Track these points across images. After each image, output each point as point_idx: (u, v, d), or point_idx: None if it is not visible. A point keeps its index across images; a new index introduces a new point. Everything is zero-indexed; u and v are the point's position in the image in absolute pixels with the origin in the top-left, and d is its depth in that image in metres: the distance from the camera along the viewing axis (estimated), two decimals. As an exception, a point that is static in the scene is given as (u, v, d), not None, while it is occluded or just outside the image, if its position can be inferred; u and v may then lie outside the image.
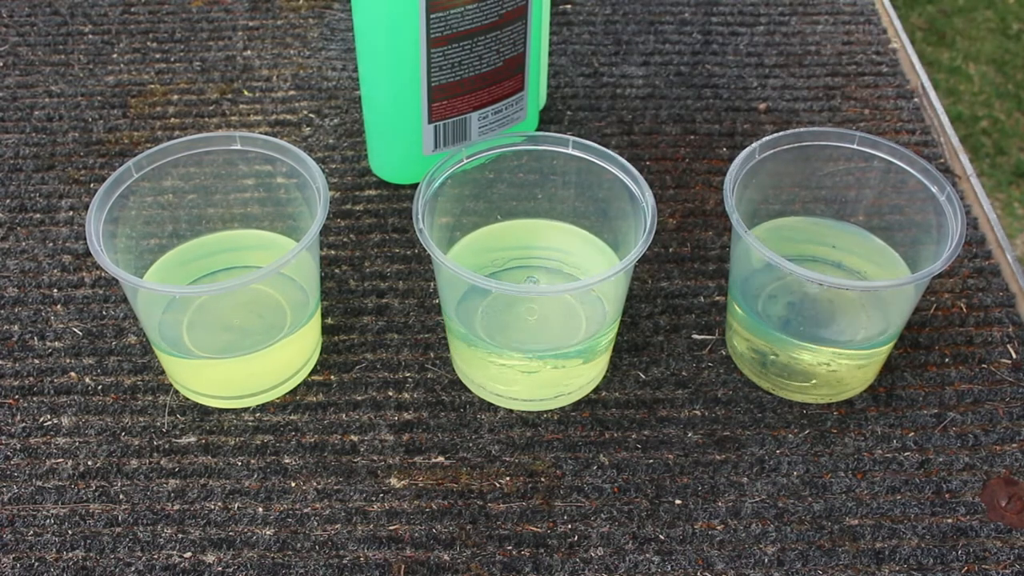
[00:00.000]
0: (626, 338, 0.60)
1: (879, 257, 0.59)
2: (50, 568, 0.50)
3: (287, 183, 0.57)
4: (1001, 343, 0.60)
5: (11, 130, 0.72)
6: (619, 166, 0.55)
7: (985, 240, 0.65)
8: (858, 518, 0.52)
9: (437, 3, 0.58)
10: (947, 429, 0.56)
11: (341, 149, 0.71)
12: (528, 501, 0.53)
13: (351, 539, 0.51)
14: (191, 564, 0.50)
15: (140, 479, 0.53)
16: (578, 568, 0.50)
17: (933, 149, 0.71)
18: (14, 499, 0.53)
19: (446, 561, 0.50)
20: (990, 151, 1.74)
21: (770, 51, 0.79)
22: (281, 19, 0.82)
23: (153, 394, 0.57)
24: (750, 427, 0.56)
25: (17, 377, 0.58)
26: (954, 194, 0.54)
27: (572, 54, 0.79)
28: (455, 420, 0.56)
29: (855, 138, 0.57)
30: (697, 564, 0.50)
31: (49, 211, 0.67)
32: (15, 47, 0.79)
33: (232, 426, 0.56)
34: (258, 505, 0.52)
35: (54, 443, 0.55)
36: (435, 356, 0.59)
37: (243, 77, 0.77)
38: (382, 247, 0.65)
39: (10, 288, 0.62)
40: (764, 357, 0.56)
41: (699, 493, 0.53)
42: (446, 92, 0.63)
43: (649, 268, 0.63)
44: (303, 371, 0.57)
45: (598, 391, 0.57)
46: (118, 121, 0.73)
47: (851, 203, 0.59)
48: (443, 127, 0.64)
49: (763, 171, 0.56)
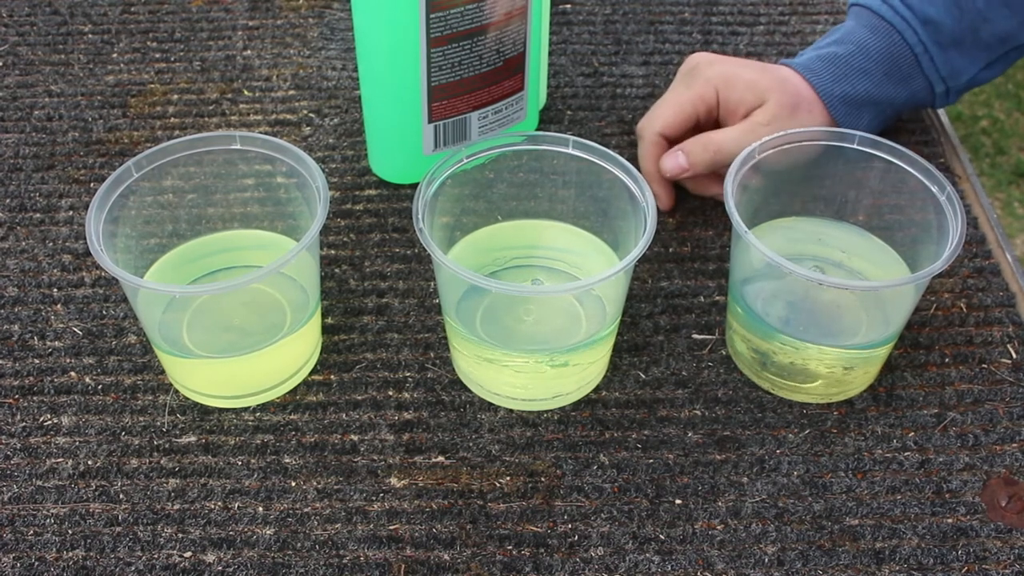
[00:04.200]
0: (626, 338, 0.60)
1: (879, 257, 0.59)
2: (50, 568, 0.50)
3: (287, 183, 0.57)
4: (1001, 343, 0.60)
5: (11, 130, 0.72)
6: (619, 166, 0.55)
7: (985, 240, 0.65)
8: (858, 518, 0.52)
9: (437, 3, 0.58)
10: (947, 429, 0.56)
11: (341, 149, 0.71)
12: (528, 501, 0.53)
13: (351, 539, 0.51)
14: (191, 564, 0.50)
15: (140, 479, 0.53)
16: (578, 568, 0.50)
17: (933, 149, 0.71)
18: (14, 498, 0.53)
19: (446, 561, 0.50)
20: (990, 151, 1.74)
21: (770, 51, 0.79)
22: (281, 19, 0.82)
23: (153, 394, 0.57)
24: (750, 427, 0.56)
25: (17, 377, 0.58)
26: (954, 194, 0.54)
27: (572, 54, 0.79)
28: (455, 420, 0.56)
29: (855, 138, 0.57)
30: (697, 564, 0.50)
31: (49, 211, 0.67)
32: (15, 47, 0.79)
33: (232, 426, 0.56)
34: (258, 505, 0.52)
35: (54, 443, 0.55)
36: (435, 356, 0.59)
37: (243, 77, 0.77)
38: (382, 247, 0.65)
39: (10, 288, 0.62)
40: (764, 357, 0.56)
41: (699, 493, 0.53)
42: (446, 92, 0.63)
43: (649, 268, 0.63)
44: (303, 371, 0.57)
45: (598, 391, 0.57)
46: (118, 121, 0.73)
47: (851, 203, 0.59)
48: (443, 127, 0.64)
49: (763, 171, 0.57)
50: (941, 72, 0.65)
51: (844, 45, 0.66)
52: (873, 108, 0.66)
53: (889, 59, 0.65)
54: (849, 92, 0.65)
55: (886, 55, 0.65)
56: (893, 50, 0.65)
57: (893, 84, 0.66)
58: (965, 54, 0.65)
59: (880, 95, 0.66)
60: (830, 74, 0.65)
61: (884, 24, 0.65)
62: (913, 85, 0.66)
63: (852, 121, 0.66)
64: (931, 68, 0.65)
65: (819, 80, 0.65)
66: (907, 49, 0.64)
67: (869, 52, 0.65)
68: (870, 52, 0.65)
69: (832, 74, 0.65)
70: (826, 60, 0.66)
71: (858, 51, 0.65)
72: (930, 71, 0.65)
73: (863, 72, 0.65)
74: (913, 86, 0.66)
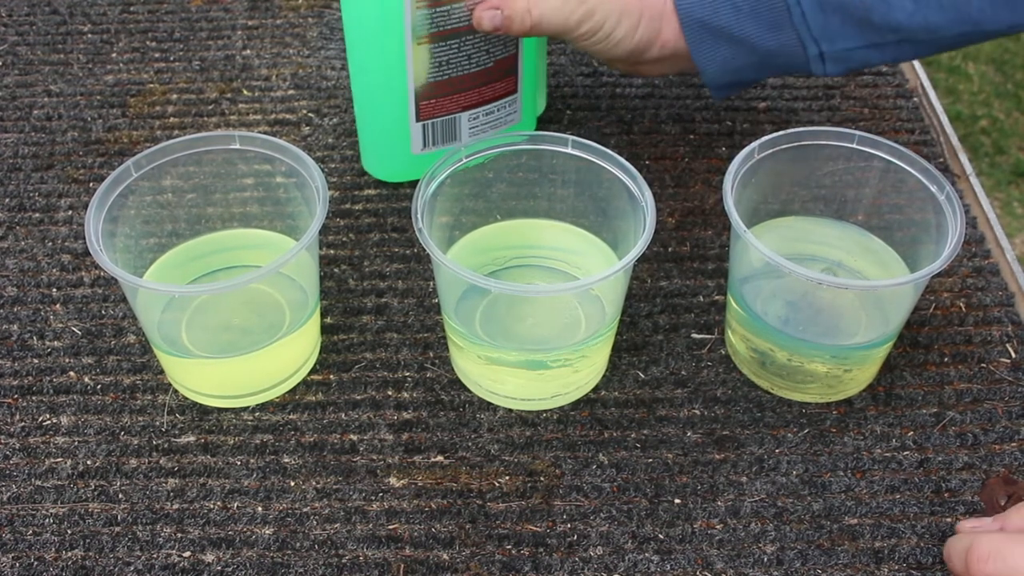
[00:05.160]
0: (625, 337, 0.60)
1: (879, 257, 0.59)
2: (49, 567, 0.50)
3: (286, 182, 0.57)
4: (1000, 342, 0.60)
5: (10, 129, 0.72)
6: (618, 165, 0.55)
7: (984, 239, 0.65)
8: (857, 517, 0.52)
9: (422, 2, 0.58)
10: (946, 428, 0.56)
11: (340, 148, 0.71)
12: (527, 500, 0.53)
13: (350, 538, 0.51)
14: (190, 563, 0.50)
15: (139, 478, 0.53)
16: (577, 567, 0.50)
17: (932, 148, 0.71)
18: (13, 498, 0.53)
19: (445, 560, 0.50)
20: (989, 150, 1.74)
21: (769, 50, 0.79)
22: (280, 18, 0.82)
23: (152, 393, 0.57)
24: (749, 426, 0.56)
25: (16, 376, 0.58)
26: (953, 193, 0.54)
27: (572, 54, 0.79)
28: (454, 419, 0.56)
29: (854, 137, 0.57)
30: (696, 563, 0.50)
31: (48, 210, 0.67)
32: (14, 46, 0.79)
33: (231, 425, 0.56)
34: (257, 504, 0.52)
35: (53, 442, 0.55)
36: (434, 355, 0.59)
37: (242, 76, 0.76)
38: (381, 246, 0.65)
39: (9, 287, 0.62)
40: (763, 356, 0.56)
41: (698, 492, 0.53)
42: (433, 91, 0.62)
43: (648, 267, 0.63)
44: (302, 370, 0.57)
45: (597, 390, 0.57)
46: (117, 120, 0.73)
47: (851, 203, 0.59)
48: (431, 126, 0.64)
49: (762, 170, 0.57)
50: (812, 31, 0.60)
51: None
52: (733, 45, 0.62)
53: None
54: (709, 18, 0.61)
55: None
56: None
57: (760, 27, 0.61)
58: (848, 24, 0.60)
59: (742, 33, 0.61)
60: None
61: None
62: (782, 36, 0.61)
63: (705, 50, 0.62)
64: (802, 23, 0.60)
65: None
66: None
67: None
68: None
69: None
70: None
71: None
72: (800, 26, 0.60)
73: (730, 2, 0.61)
74: (782, 37, 0.61)
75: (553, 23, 0.60)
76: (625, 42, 0.62)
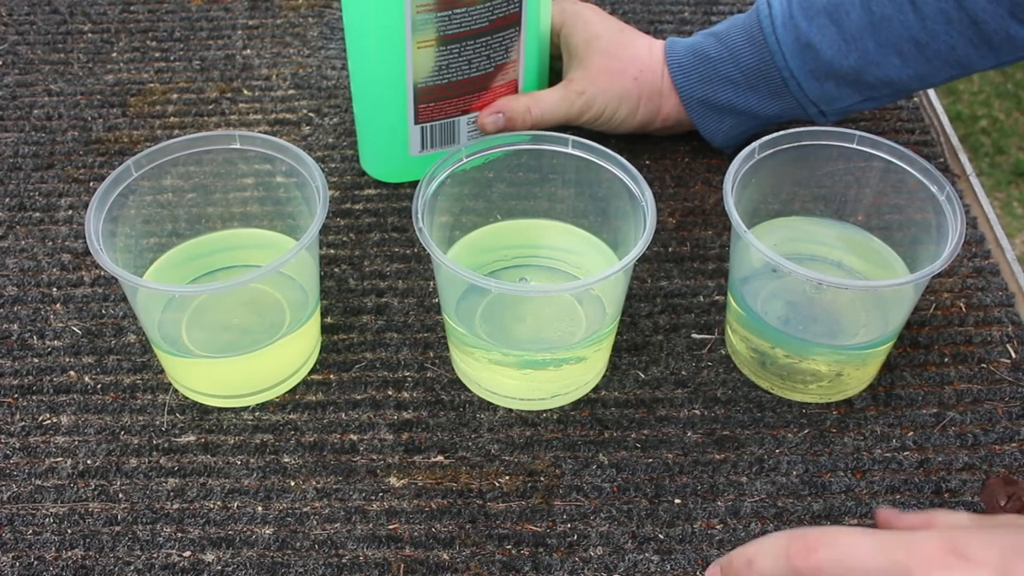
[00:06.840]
0: (626, 337, 0.60)
1: (879, 257, 0.59)
2: (49, 567, 0.50)
3: (286, 182, 0.57)
4: (1000, 342, 0.60)
5: (10, 129, 0.72)
6: (618, 165, 0.55)
7: (984, 239, 0.65)
8: (857, 517, 0.52)
9: (423, 5, 0.58)
10: (946, 428, 0.56)
11: (340, 148, 0.71)
12: (527, 500, 0.53)
13: (350, 538, 0.51)
14: (190, 563, 0.50)
15: (139, 478, 0.53)
16: (577, 567, 0.50)
17: (932, 148, 0.71)
18: (13, 498, 0.53)
19: (445, 560, 0.50)
20: (989, 150, 1.74)
21: (770, 50, 0.79)
22: (280, 18, 0.82)
23: (152, 393, 0.57)
24: (749, 426, 0.56)
25: (16, 376, 0.58)
26: (953, 193, 0.54)
27: (572, 53, 0.78)
28: (454, 419, 0.56)
29: (855, 138, 0.57)
30: (696, 563, 0.50)
31: (48, 210, 0.67)
32: (14, 46, 0.79)
33: (231, 425, 0.56)
34: (257, 504, 0.52)
35: (53, 442, 0.55)
36: (434, 355, 0.59)
37: (242, 76, 0.76)
38: (381, 246, 0.65)
39: (9, 287, 0.62)
40: (763, 356, 0.56)
41: (698, 492, 0.53)
42: (433, 94, 0.62)
43: (649, 267, 0.63)
44: (303, 370, 0.57)
45: (597, 390, 0.57)
46: (117, 120, 0.73)
47: (851, 203, 0.59)
48: (430, 129, 0.64)
49: (763, 170, 0.57)
50: (811, 97, 0.63)
51: (721, 45, 0.64)
52: (736, 116, 0.66)
53: (758, 74, 0.63)
54: (710, 97, 0.65)
55: (755, 70, 0.63)
56: (763, 67, 0.63)
57: (760, 97, 0.64)
58: (843, 87, 0.63)
59: (744, 105, 0.65)
60: (697, 74, 0.64)
61: (761, 38, 0.63)
62: (783, 102, 0.64)
63: (710, 124, 0.66)
64: (800, 93, 0.63)
65: (683, 78, 0.65)
66: (777, 71, 0.63)
67: (739, 62, 0.64)
68: (740, 62, 0.64)
69: (699, 74, 0.64)
70: (698, 56, 0.65)
71: (729, 58, 0.64)
72: (798, 94, 0.63)
73: (729, 81, 0.64)
74: (783, 103, 0.64)
75: (555, 117, 0.65)
76: (627, 123, 0.67)
